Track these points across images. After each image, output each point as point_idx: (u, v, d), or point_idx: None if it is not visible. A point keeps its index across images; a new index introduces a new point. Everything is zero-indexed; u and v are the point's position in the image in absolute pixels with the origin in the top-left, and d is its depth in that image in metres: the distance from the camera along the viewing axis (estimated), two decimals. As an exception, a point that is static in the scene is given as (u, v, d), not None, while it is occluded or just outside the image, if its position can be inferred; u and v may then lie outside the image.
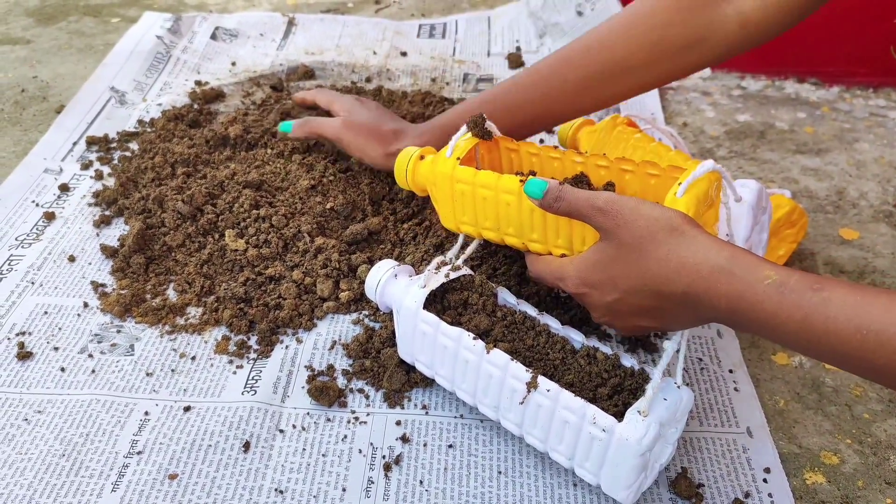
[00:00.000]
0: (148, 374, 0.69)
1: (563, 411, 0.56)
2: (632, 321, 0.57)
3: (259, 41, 1.32)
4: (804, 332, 0.46)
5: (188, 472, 0.61)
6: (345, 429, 0.65)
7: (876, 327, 0.43)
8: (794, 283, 0.47)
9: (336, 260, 0.78)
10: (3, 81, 1.20)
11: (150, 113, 1.07)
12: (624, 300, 0.55)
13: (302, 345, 0.73)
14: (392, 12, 1.51)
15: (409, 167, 0.69)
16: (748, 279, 0.48)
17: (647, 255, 0.52)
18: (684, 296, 0.51)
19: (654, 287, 0.52)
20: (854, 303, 0.45)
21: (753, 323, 0.48)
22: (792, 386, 0.72)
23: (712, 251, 0.50)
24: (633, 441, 0.53)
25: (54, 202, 0.91)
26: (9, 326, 0.74)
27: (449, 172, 0.65)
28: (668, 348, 0.56)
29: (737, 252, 0.50)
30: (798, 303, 0.46)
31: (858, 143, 1.11)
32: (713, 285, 0.49)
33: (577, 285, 0.58)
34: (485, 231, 0.66)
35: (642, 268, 0.53)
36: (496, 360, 0.59)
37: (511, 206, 0.62)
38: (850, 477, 0.64)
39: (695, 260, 0.50)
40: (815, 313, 0.45)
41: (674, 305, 0.53)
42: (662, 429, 0.55)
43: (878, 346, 0.43)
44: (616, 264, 0.55)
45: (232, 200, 0.84)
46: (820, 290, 0.46)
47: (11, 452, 0.62)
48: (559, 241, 0.61)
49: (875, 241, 0.90)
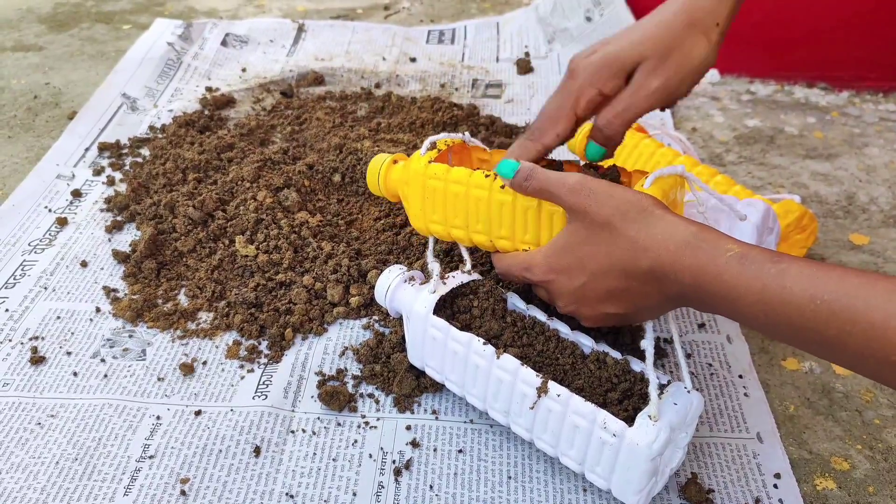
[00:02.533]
0: (160, 379, 0.70)
1: (573, 416, 0.57)
2: (598, 308, 0.57)
3: (269, 47, 1.33)
4: (761, 304, 0.46)
5: (199, 476, 0.61)
6: (355, 433, 0.65)
7: (829, 297, 0.44)
8: (755, 255, 0.48)
9: (346, 265, 0.79)
10: (15, 88, 1.21)
11: (161, 119, 1.08)
12: (591, 284, 0.55)
13: (312, 350, 0.73)
14: (401, 18, 1.51)
15: (381, 171, 0.69)
16: (711, 252, 0.49)
17: (617, 233, 0.53)
18: (650, 272, 0.52)
19: (622, 266, 0.53)
20: (810, 274, 0.45)
21: (715, 296, 0.49)
22: (802, 391, 0.72)
23: (679, 228, 0.51)
24: (643, 445, 0.53)
25: (67, 208, 0.92)
26: (22, 331, 0.74)
27: (422, 170, 0.65)
28: (647, 347, 0.56)
29: (702, 228, 0.51)
30: (757, 274, 0.47)
31: (868, 147, 1.10)
32: (678, 259, 0.50)
33: (545, 272, 0.58)
34: (454, 230, 0.66)
35: (611, 247, 0.53)
36: (506, 365, 0.59)
37: (481, 200, 0.62)
38: (861, 482, 0.63)
39: (662, 236, 0.51)
40: (773, 284, 0.46)
41: (640, 284, 0.53)
42: (673, 433, 0.55)
43: (831, 315, 0.44)
44: (585, 245, 0.55)
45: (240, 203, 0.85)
46: (778, 262, 0.47)
47: (25, 456, 0.62)
48: (527, 237, 0.62)
49: (885, 246, 0.90)
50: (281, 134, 1.06)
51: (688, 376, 0.57)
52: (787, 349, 0.76)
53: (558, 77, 1.24)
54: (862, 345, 0.43)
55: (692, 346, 0.75)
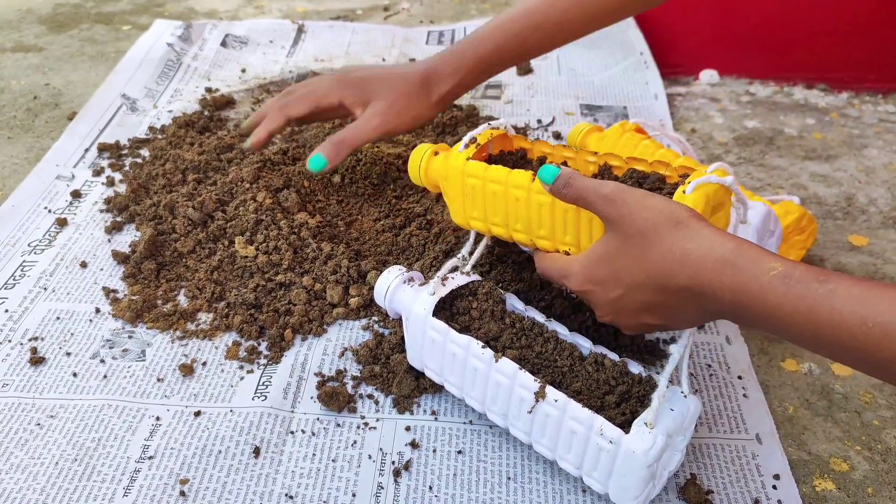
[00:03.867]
0: (159, 380, 0.70)
1: (570, 422, 0.57)
2: (636, 318, 0.56)
3: (269, 48, 1.33)
4: (809, 325, 0.45)
5: (199, 477, 0.61)
6: (354, 434, 0.65)
7: (882, 319, 0.43)
8: (800, 275, 0.46)
9: (345, 266, 0.79)
10: (15, 88, 1.21)
11: (160, 120, 1.08)
12: (627, 296, 0.54)
13: (312, 350, 0.73)
14: (401, 19, 1.52)
15: (422, 163, 0.69)
16: (753, 270, 0.47)
17: (651, 247, 0.51)
18: (688, 289, 0.50)
19: (658, 280, 0.52)
20: (860, 294, 0.44)
21: (758, 316, 0.47)
22: (801, 392, 0.72)
23: (716, 243, 0.49)
24: (639, 453, 0.53)
25: (66, 208, 0.92)
26: (22, 332, 0.74)
27: (460, 167, 0.65)
28: (675, 352, 0.56)
29: (741, 244, 0.49)
30: (803, 294, 0.45)
31: (867, 149, 1.10)
32: (717, 277, 0.48)
33: (582, 283, 0.58)
34: (494, 227, 0.66)
35: (646, 260, 0.52)
36: (504, 368, 0.59)
37: (520, 201, 0.62)
38: (860, 484, 0.63)
39: (699, 252, 0.49)
40: (820, 305, 0.44)
41: (678, 300, 0.52)
42: (669, 439, 0.55)
43: (884, 337, 0.42)
44: (620, 258, 0.54)
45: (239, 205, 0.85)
46: (826, 282, 0.45)
47: (24, 457, 0.62)
48: (567, 238, 0.61)
49: (885, 248, 0.90)
50: (280, 134, 1.06)
51: (686, 380, 0.57)
52: (786, 350, 0.76)
53: (557, 77, 1.25)
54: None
55: (691, 346, 0.75)
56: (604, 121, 1.14)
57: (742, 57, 1.27)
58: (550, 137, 1.09)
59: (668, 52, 1.30)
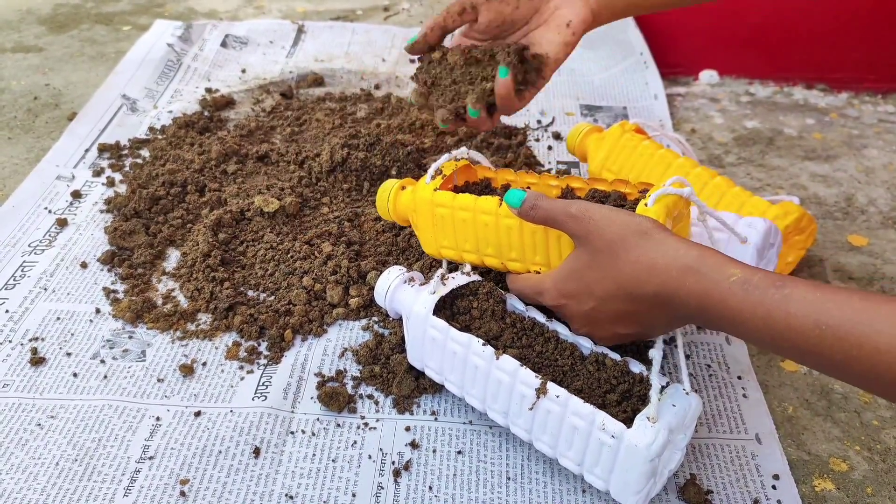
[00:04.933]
0: (159, 380, 0.70)
1: (572, 417, 0.57)
2: (610, 329, 0.58)
3: (269, 48, 1.33)
4: (767, 329, 0.47)
5: (199, 477, 0.61)
6: (354, 434, 0.65)
7: (833, 322, 0.44)
8: (758, 281, 0.48)
9: (345, 266, 0.79)
10: (15, 89, 1.21)
11: (161, 120, 1.08)
12: (600, 308, 0.57)
13: (312, 351, 0.73)
14: (401, 20, 1.52)
15: (390, 198, 0.70)
16: (714, 277, 0.50)
17: (619, 258, 0.54)
18: (656, 296, 0.52)
19: (628, 290, 0.54)
20: (813, 299, 0.46)
21: (721, 320, 0.50)
22: (801, 392, 0.72)
23: (681, 251, 0.52)
24: (642, 447, 0.53)
25: (66, 209, 0.92)
26: (22, 332, 0.74)
27: (429, 198, 0.66)
28: (655, 356, 0.57)
29: (704, 251, 0.51)
30: (761, 299, 0.47)
31: (867, 149, 1.11)
32: (682, 284, 0.51)
33: (556, 297, 0.60)
34: (465, 254, 0.68)
35: (615, 271, 0.54)
36: (506, 366, 0.59)
37: (489, 226, 0.64)
38: (860, 484, 0.63)
39: (664, 261, 0.52)
40: (777, 309, 0.46)
41: (648, 307, 0.54)
42: (671, 435, 0.55)
43: (836, 341, 0.44)
44: (590, 271, 0.56)
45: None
46: (781, 287, 0.47)
47: (25, 457, 0.62)
48: (536, 258, 0.63)
49: (884, 248, 0.90)
50: (280, 135, 1.06)
51: (687, 378, 0.58)
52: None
53: (557, 77, 1.24)
54: (868, 368, 0.43)
55: (691, 346, 0.75)
56: (603, 121, 1.14)
57: (742, 57, 1.28)
58: (550, 138, 1.09)
59: (667, 53, 1.30)
